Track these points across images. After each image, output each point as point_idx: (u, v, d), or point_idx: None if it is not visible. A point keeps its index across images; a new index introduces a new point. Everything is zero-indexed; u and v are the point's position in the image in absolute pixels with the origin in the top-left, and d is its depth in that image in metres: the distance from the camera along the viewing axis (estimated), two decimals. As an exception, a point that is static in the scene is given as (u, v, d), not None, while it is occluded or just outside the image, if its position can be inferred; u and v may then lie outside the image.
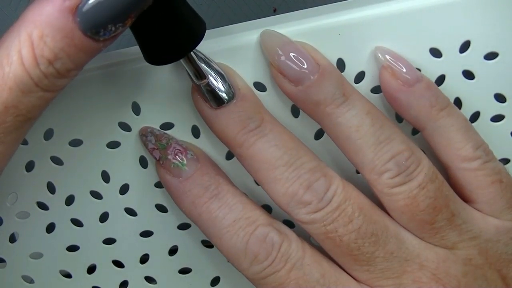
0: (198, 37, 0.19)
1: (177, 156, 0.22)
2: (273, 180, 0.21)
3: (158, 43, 0.19)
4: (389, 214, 0.22)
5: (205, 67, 0.21)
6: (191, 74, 0.21)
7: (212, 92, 0.21)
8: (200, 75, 0.20)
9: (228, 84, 0.21)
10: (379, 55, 0.22)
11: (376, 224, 0.21)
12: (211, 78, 0.21)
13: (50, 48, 0.16)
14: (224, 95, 0.21)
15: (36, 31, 0.16)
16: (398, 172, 0.21)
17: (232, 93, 0.21)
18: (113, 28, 0.17)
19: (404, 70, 0.22)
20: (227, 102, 0.21)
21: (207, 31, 0.22)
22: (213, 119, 0.21)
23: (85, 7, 0.16)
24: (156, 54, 0.19)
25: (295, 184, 0.21)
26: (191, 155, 0.22)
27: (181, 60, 0.20)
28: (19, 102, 0.17)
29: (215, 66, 0.21)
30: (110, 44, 0.17)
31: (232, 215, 0.21)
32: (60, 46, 0.16)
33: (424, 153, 0.22)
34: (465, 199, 0.23)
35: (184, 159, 0.22)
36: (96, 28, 0.16)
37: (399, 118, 0.24)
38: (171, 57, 0.19)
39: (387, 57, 0.22)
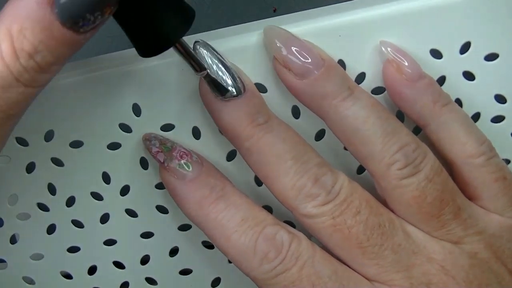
0: (184, 25, 0.19)
1: (182, 158, 0.22)
2: (282, 174, 0.21)
3: (144, 34, 0.18)
4: (392, 212, 0.22)
5: (213, 58, 0.21)
6: (189, 66, 0.20)
7: (214, 83, 0.21)
8: (199, 66, 0.20)
9: (239, 78, 0.21)
10: (384, 49, 0.22)
11: (383, 216, 0.21)
12: (217, 70, 0.21)
13: (29, 41, 0.16)
14: (232, 88, 0.21)
15: (15, 25, 0.16)
16: (406, 164, 0.21)
17: (241, 88, 0.21)
18: (92, 18, 0.16)
19: (409, 65, 0.22)
20: (236, 95, 0.21)
21: (207, 32, 0.22)
22: (222, 111, 0.21)
23: None
24: (144, 46, 0.19)
25: (304, 178, 0.21)
26: (196, 158, 0.22)
27: (175, 52, 0.20)
28: None
29: (226, 62, 0.21)
30: (90, 36, 0.17)
31: (239, 215, 0.21)
32: (39, 38, 0.16)
33: None
34: (468, 196, 0.23)
35: (190, 160, 0.22)
36: (74, 19, 0.16)
37: (399, 118, 0.24)
38: (158, 48, 0.19)
39: (393, 51, 0.22)
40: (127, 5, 0.17)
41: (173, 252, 0.26)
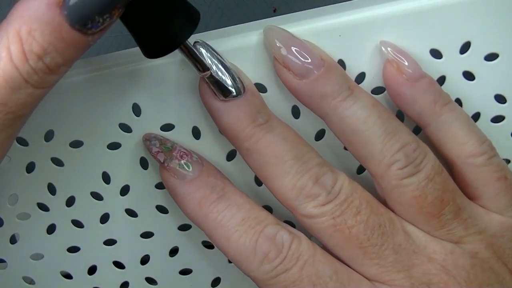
0: (190, 26, 0.19)
1: (182, 158, 0.22)
2: (282, 174, 0.21)
3: (150, 35, 0.18)
4: (393, 211, 0.22)
5: (212, 58, 0.21)
6: (193, 67, 0.20)
7: (217, 84, 0.21)
8: (202, 67, 0.20)
9: (238, 79, 0.21)
10: (384, 49, 0.22)
11: (383, 216, 0.21)
12: (216, 70, 0.21)
13: (39, 42, 0.16)
14: (231, 88, 0.21)
15: (24, 26, 0.16)
16: (407, 163, 0.21)
17: (241, 88, 0.21)
18: (101, 20, 0.17)
19: (409, 65, 0.22)
20: (236, 96, 0.21)
21: (207, 32, 0.22)
22: (222, 112, 0.21)
23: (72, 0, 0.16)
24: (151, 47, 0.19)
25: (304, 178, 0.21)
26: (196, 158, 0.22)
27: (180, 53, 0.20)
28: (8, 99, 0.17)
29: (225, 62, 0.21)
30: (98, 38, 0.17)
31: (240, 214, 0.21)
32: (48, 40, 0.16)
33: None
34: (469, 196, 0.23)
35: (190, 160, 0.22)
36: (83, 21, 0.16)
37: (399, 118, 0.24)
38: (164, 49, 0.19)
39: (393, 51, 0.22)
40: (134, 7, 0.17)
41: (173, 252, 0.26)
